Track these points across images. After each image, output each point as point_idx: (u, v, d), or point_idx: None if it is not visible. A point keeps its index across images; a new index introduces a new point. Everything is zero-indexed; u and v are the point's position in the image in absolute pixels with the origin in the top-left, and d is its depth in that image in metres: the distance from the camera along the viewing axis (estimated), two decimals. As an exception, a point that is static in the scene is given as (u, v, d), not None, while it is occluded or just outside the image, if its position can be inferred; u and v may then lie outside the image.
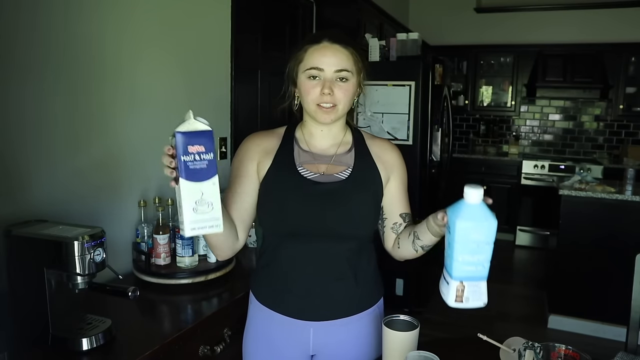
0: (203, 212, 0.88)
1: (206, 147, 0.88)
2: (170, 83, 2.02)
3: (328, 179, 1.17)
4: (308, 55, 1.14)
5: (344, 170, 1.20)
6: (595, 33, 5.00)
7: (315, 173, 1.18)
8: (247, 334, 1.31)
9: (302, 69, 1.15)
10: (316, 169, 1.19)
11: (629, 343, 1.81)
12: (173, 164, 0.90)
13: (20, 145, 1.44)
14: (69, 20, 1.55)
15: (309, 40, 1.17)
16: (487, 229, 0.87)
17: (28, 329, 1.27)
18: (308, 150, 1.22)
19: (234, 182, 1.20)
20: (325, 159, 1.21)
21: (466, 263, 0.90)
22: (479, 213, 0.87)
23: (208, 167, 0.88)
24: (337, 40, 1.15)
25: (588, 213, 3.09)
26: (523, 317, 3.36)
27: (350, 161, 1.22)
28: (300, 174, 1.17)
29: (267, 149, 1.21)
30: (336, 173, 1.19)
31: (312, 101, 1.15)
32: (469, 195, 0.87)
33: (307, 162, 1.20)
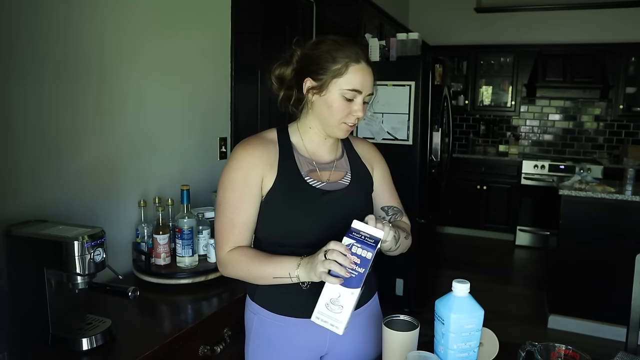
0: (333, 310, 0.95)
1: (362, 262, 0.94)
2: (170, 83, 2.02)
3: (334, 187, 1.19)
4: (350, 74, 1.10)
5: (345, 176, 1.22)
6: (595, 33, 5.00)
7: (320, 181, 1.18)
8: (253, 346, 1.24)
9: (339, 86, 1.11)
10: (320, 177, 1.19)
11: (629, 343, 1.81)
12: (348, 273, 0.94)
13: (20, 145, 1.44)
14: (69, 20, 1.55)
15: (347, 54, 1.11)
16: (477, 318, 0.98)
17: (28, 329, 1.27)
18: (307, 157, 1.20)
19: (242, 201, 1.13)
20: (326, 165, 1.22)
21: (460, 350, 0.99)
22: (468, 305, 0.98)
23: (357, 278, 0.94)
24: (370, 62, 1.15)
25: (588, 213, 3.09)
26: (523, 317, 3.36)
27: (346, 166, 1.25)
28: (309, 184, 1.16)
29: (269, 160, 1.15)
30: (340, 180, 1.21)
31: (340, 119, 1.14)
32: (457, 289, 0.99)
33: (311, 171, 1.19)
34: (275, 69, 1.21)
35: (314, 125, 1.20)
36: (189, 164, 2.17)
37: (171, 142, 2.06)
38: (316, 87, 1.13)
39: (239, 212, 1.13)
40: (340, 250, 0.94)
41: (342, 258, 0.94)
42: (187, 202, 1.77)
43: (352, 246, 0.94)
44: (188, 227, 1.74)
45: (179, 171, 2.09)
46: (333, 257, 0.94)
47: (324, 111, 1.14)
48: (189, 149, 2.18)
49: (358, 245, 0.93)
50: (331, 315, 0.94)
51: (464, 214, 5.25)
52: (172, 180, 2.03)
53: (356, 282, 0.93)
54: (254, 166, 1.14)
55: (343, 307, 0.93)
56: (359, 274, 0.93)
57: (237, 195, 1.13)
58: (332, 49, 1.12)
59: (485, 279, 3.95)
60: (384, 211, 1.29)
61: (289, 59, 1.20)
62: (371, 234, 0.96)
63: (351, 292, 0.93)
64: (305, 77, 1.14)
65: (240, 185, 1.13)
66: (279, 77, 1.21)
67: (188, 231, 1.74)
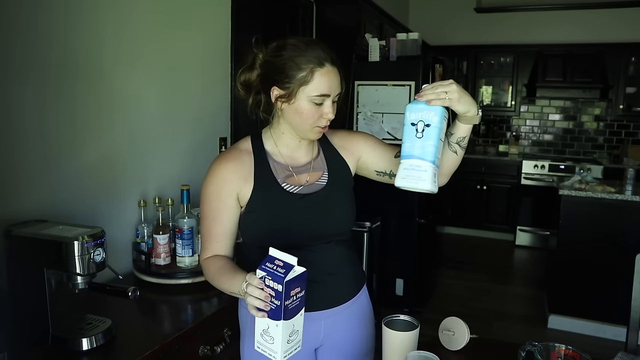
0: (293, 340, 0.97)
1: (302, 287, 0.94)
2: (170, 83, 2.02)
3: (312, 189, 1.20)
4: (316, 80, 1.09)
5: (322, 176, 1.23)
6: (595, 33, 5.00)
7: (297, 186, 1.19)
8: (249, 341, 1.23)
9: (307, 93, 1.10)
10: (297, 181, 1.20)
11: (629, 343, 1.81)
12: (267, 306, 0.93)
13: (20, 145, 1.44)
14: (69, 21, 1.55)
15: (310, 59, 1.09)
16: None
17: (28, 329, 1.27)
18: (283, 163, 1.21)
19: (217, 213, 1.17)
20: (302, 168, 1.22)
21: None
22: None
23: (300, 302, 0.95)
24: (336, 63, 1.13)
25: (588, 213, 3.09)
26: (523, 317, 3.36)
27: (322, 165, 1.25)
28: (286, 190, 1.17)
29: (243, 173, 1.17)
30: (316, 181, 1.22)
31: (311, 124, 1.14)
32: None
33: (287, 176, 1.19)
34: (240, 75, 1.20)
35: (287, 130, 1.20)
36: (189, 164, 2.17)
37: (171, 142, 2.06)
38: (284, 95, 1.12)
39: (215, 223, 1.18)
40: (254, 285, 0.93)
41: (259, 292, 0.92)
42: (187, 202, 1.77)
43: (265, 279, 0.92)
44: (188, 227, 1.74)
45: (179, 171, 2.09)
46: (250, 291, 0.94)
47: (294, 118, 1.14)
48: (189, 149, 2.18)
49: (269, 278, 0.91)
50: (267, 345, 0.96)
51: (464, 214, 5.25)
52: (172, 180, 2.03)
53: (276, 314, 0.91)
54: (227, 181, 1.16)
55: (274, 337, 0.94)
56: (276, 306, 0.91)
57: (212, 208, 1.18)
58: (295, 55, 1.10)
59: (485, 279, 3.95)
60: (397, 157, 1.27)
61: (252, 64, 1.18)
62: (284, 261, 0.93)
63: (275, 324, 0.92)
64: (271, 86, 1.13)
65: (215, 199, 1.17)
66: (245, 83, 1.20)
67: (188, 231, 1.74)
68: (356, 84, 3.26)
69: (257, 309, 0.93)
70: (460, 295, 3.61)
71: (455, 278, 3.98)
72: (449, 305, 3.35)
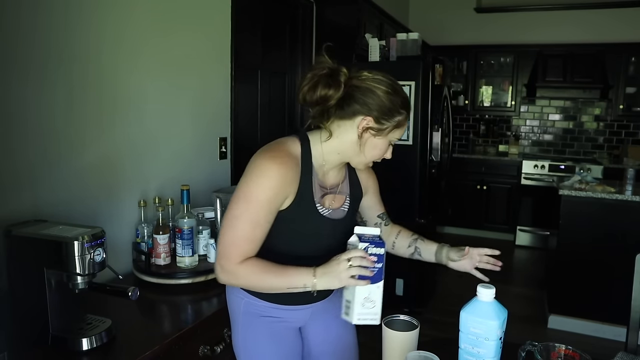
0: (368, 307, 1.08)
1: (379, 258, 1.07)
2: (170, 83, 2.02)
3: (337, 215, 1.25)
4: (400, 127, 1.18)
5: (345, 202, 1.28)
6: (595, 33, 5.00)
7: (327, 209, 1.23)
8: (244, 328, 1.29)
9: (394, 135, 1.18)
10: (326, 203, 1.23)
11: (629, 343, 1.81)
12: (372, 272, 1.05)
13: (20, 145, 1.44)
14: (69, 21, 1.55)
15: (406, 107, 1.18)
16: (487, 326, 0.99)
17: (28, 329, 1.27)
18: (322, 184, 1.23)
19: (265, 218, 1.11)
20: (331, 190, 1.26)
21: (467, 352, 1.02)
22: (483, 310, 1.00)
23: (378, 274, 1.07)
24: None
25: (588, 213, 3.09)
26: (523, 317, 3.36)
27: (346, 189, 1.30)
28: (319, 213, 1.20)
29: (295, 182, 1.15)
30: (341, 206, 1.27)
31: (372, 157, 1.20)
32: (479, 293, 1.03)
33: (321, 196, 1.22)
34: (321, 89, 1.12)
35: (343, 153, 1.19)
36: (189, 164, 2.17)
37: (171, 142, 2.06)
38: (375, 129, 1.14)
39: (260, 228, 1.12)
40: (359, 255, 1.04)
41: (365, 261, 1.04)
42: (187, 202, 1.77)
43: (368, 248, 1.05)
44: (188, 227, 1.74)
45: (179, 171, 2.09)
46: (357, 263, 1.04)
47: (369, 150, 1.17)
48: (189, 149, 2.18)
49: (372, 246, 1.06)
50: (369, 312, 1.07)
51: (464, 214, 5.25)
52: (172, 180, 2.03)
53: (379, 276, 1.06)
54: (285, 188, 1.12)
55: (375, 301, 1.07)
56: (379, 269, 1.06)
57: (263, 213, 1.11)
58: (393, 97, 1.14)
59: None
60: (380, 218, 1.42)
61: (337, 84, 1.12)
62: (373, 234, 1.10)
63: (377, 286, 1.06)
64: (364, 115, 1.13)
65: (269, 204, 1.11)
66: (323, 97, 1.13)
67: (188, 231, 1.74)
68: (356, 84, 3.25)
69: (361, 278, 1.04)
70: (460, 295, 3.59)
71: (455, 278, 3.97)
72: (449, 305, 3.34)
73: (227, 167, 2.47)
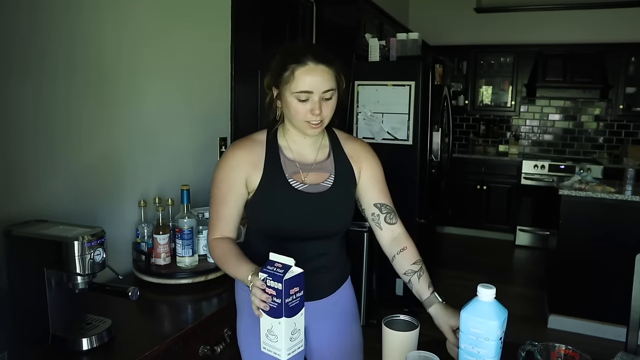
0: (295, 338, 1.03)
1: (300, 287, 1.01)
2: (170, 83, 2.02)
3: (316, 189, 1.26)
4: (296, 78, 1.16)
5: (327, 178, 1.28)
6: (595, 33, 5.00)
7: (302, 183, 1.25)
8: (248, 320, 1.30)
9: (291, 91, 1.17)
10: (302, 178, 1.26)
11: (629, 343, 1.81)
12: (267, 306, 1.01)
13: (20, 145, 1.44)
14: (69, 20, 1.55)
15: (293, 59, 1.17)
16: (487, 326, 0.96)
17: (28, 329, 1.27)
18: (292, 159, 1.27)
19: (226, 196, 1.25)
20: (307, 166, 1.28)
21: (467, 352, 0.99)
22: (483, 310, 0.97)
23: (300, 303, 1.02)
24: (321, 59, 1.17)
25: (588, 213, 3.09)
26: (523, 317, 3.35)
27: (330, 167, 1.30)
28: (292, 186, 1.24)
29: (254, 161, 1.25)
30: (322, 182, 1.27)
31: (301, 119, 1.20)
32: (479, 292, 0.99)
33: (294, 172, 1.26)
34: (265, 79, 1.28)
35: (290, 127, 1.27)
36: (189, 164, 2.17)
37: (171, 142, 2.06)
38: (278, 94, 1.22)
39: (224, 206, 1.25)
40: (258, 286, 1.01)
41: (260, 293, 1.00)
42: (187, 202, 1.78)
43: (266, 280, 1.00)
44: (188, 227, 1.74)
45: (179, 171, 2.09)
46: (254, 293, 1.01)
47: (288, 115, 1.23)
48: (189, 149, 2.18)
49: (270, 279, 0.99)
50: (271, 344, 1.02)
51: (464, 214, 5.24)
52: (172, 180, 2.03)
53: (277, 312, 0.99)
54: (238, 166, 1.24)
55: (277, 336, 1.01)
56: (278, 304, 0.99)
57: (222, 192, 1.25)
58: (282, 56, 1.20)
59: (485, 279, 3.91)
60: (377, 208, 1.33)
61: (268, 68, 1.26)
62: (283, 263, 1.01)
63: (278, 322, 0.99)
64: (271, 87, 1.24)
65: (225, 183, 1.25)
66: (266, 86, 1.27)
67: (188, 231, 1.74)
68: (356, 84, 3.26)
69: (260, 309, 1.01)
70: (460, 295, 3.60)
71: (455, 278, 3.98)
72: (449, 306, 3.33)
73: (227, 167, 2.47)
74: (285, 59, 1.18)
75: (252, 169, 1.24)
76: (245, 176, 1.24)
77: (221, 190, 1.25)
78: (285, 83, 1.17)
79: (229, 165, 1.25)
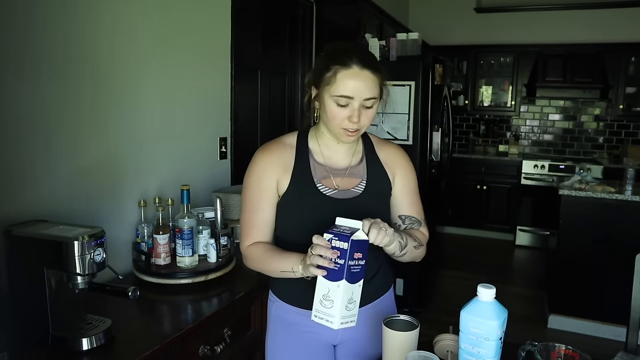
0: (350, 309, 1.00)
1: (363, 255, 1.00)
2: (170, 83, 2.02)
3: (346, 195, 1.21)
4: (338, 81, 1.11)
5: (359, 184, 1.23)
6: (595, 33, 5.00)
7: (332, 189, 1.20)
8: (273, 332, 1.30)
9: (331, 93, 1.13)
10: (332, 184, 1.21)
11: (629, 343, 1.81)
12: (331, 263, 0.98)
13: (19, 145, 1.44)
14: (68, 19, 1.55)
15: (338, 60, 1.11)
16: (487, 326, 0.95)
17: (28, 329, 1.27)
18: (323, 164, 1.23)
19: (259, 202, 1.22)
20: (339, 171, 1.23)
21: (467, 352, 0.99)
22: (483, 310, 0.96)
23: (360, 271, 1.00)
24: (367, 65, 1.12)
25: (588, 213, 3.09)
26: (523, 317, 3.36)
27: (363, 172, 1.25)
28: (320, 191, 1.19)
29: (284, 164, 1.21)
30: (352, 187, 1.22)
31: (337, 125, 1.16)
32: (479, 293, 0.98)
33: (324, 177, 1.21)
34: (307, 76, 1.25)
35: (325, 130, 1.23)
36: (189, 164, 2.17)
37: (171, 142, 2.06)
38: (317, 95, 1.18)
39: (257, 212, 1.22)
40: (321, 244, 0.99)
41: (324, 250, 0.98)
42: (187, 202, 1.77)
43: (332, 240, 0.98)
44: (188, 227, 1.74)
45: (179, 171, 2.09)
46: (316, 251, 0.99)
47: (324, 117, 1.18)
48: (189, 149, 2.18)
49: (336, 239, 0.98)
50: (325, 311, 0.99)
51: (464, 214, 5.25)
52: (172, 180, 2.03)
53: (338, 274, 0.97)
54: (268, 169, 1.20)
55: (333, 301, 0.98)
56: (340, 265, 0.97)
57: (254, 196, 1.22)
58: (326, 56, 1.15)
59: (485, 279, 3.91)
60: (401, 219, 1.30)
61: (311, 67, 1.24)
62: (350, 227, 1.00)
63: (337, 285, 0.97)
64: (311, 86, 1.20)
65: (256, 187, 1.21)
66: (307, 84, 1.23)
67: (188, 231, 1.74)
68: (356, 84, 3.25)
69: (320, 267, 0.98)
70: (460, 295, 3.59)
71: (455, 278, 3.98)
72: (449, 306, 3.34)
73: (227, 167, 2.47)
74: (330, 58, 1.13)
75: (282, 172, 1.20)
76: (276, 178, 1.21)
77: (253, 195, 1.22)
78: (325, 84, 1.12)
79: (259, 169, 1.21)
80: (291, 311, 1.26)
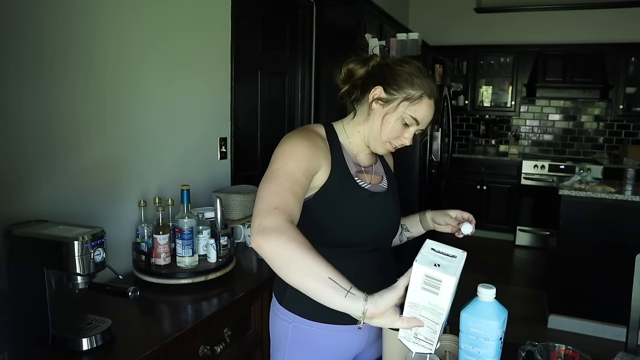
0: None
1: None
2: (170, 83, 2.02)
3: (377, 189, 1.21)
4: (420, 105, 1.12)
5: (382, 180, 1.26)
6: (595, 33, 5.00)
7: (367, 183, 1.20)
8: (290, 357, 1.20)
9: (406, 111, 1.12)
10: (365, 178, 1.20)
11: (629, 343, 1.81)
12: None
13: (20, 145, 1.44)
14: (69, 19, 1.55)
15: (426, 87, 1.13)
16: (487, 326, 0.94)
17: (28, 329, 1.27)
18: (353, 159, 1.21)
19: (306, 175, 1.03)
20: (367, 169, 1.24)
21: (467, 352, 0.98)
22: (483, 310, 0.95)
23: None
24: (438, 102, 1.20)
25: (588, 213, 3.10)
26: (523, 317, 3.36)
27: (381, 171, 1.29)
28: (359, 185, 1.17)
29: (325, 153, 1.12)
30: (379, 183, 1.24)
31: (388, 138, 1.15)
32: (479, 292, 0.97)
33: (359, 172, 1.20)
34: (350, 62, 1.19)
35: (362, 132, 1.20)
36: (189, 164, 2.17)
37: (171, 142, 2.06)
38: (384, 99, 1.13)
39: (299, 184, 1.00)
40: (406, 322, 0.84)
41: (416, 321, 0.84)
42: (187, 202, 1.77)
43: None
44: (188, 227, 1.74)
45: (179, 171, 2.09)
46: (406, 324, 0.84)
47: (377, 124, 1.15)
48: (189, 149, 2.18)
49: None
50: None
51: (464, 214, 5.24)
52: (172, 180, 2.03)
53: None
54: (319, 150, 1.09)
55: None
56: None
57: (302, 167, 1.02)
58: (415, 74, 1.13)
59: (485, 279, 3.92)
60: None
61: (367, 61, 1.19)
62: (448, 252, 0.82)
63: None
64: (376, 84, 1.14)
65: (307, 160, 1.04)
66: (350, 71, 1.19)
67: (188, 231, 1.74)
68: (356, 84, 3.25)
69: None
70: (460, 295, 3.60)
71: (455, 278, 3.98)
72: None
73: (227, 167, 2.47)
74: (419, 80, 1.13)
75: (325, 160, 1.10)
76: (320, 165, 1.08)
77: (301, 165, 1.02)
78: (406, 99, 1.12)
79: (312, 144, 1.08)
80: (316, 330, 1.16)
